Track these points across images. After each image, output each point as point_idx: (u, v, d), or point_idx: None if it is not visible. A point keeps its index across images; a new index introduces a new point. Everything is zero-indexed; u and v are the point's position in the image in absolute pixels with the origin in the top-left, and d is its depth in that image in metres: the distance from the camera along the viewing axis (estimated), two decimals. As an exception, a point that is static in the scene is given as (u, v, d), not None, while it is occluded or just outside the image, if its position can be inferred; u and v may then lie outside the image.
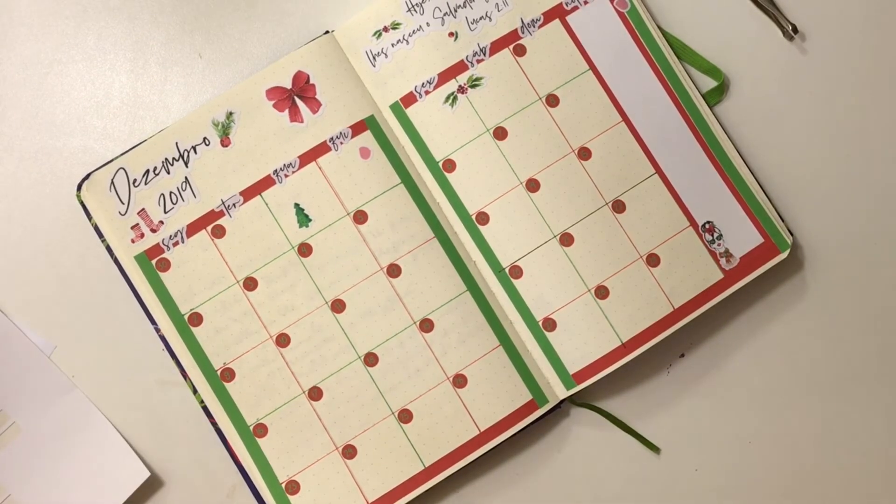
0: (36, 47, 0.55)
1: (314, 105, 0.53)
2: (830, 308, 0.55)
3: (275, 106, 0.53)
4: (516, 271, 0.53)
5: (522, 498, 0.54)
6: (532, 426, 0.53)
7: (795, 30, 0.55)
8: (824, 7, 0.56)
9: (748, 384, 0.54)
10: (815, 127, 0.55)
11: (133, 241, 0.52)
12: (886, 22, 0.56)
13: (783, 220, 0.54)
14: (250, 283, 0.53)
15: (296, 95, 0.53)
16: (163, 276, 0.52)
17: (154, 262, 0.52)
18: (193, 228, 0.53)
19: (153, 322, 0.53)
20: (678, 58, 0.55)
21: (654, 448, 0.54)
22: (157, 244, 0.52)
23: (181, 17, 0.56)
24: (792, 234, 0.54)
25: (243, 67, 0.55)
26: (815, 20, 0.56)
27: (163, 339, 0.53)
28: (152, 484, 0.53)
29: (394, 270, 0.53)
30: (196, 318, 0.52)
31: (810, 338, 0.55)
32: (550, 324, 0.53)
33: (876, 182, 0.55)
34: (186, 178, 0.53)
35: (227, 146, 0.53)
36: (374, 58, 0.54)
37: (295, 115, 0.53)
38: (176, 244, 0.53)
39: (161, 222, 0.53)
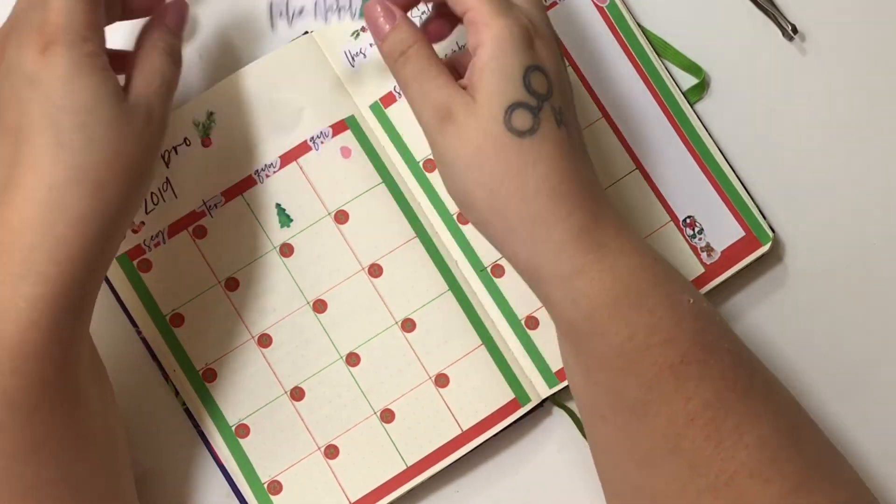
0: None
1: (294, 105, 0.53)
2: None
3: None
4: (498, 270, 0.53)
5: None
6: (514, 425, 0.53)
7: (795, 30, 0.55)
8: (824, 7, 0.56)
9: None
10: (816, 127, 0.55)
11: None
12: (886, 22, 0.56)
13: (764, 217, 0.54)
14: (231, 284, 0.53)
15: (276, 95, 0.53)
16: (144, 276, 0.52)
17: (135, 262, 0.52)
18: (175, 229, 0.53)
19: (134, 325, 0.53)
20: (658, 55, 0.55)
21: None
22: (139, 245, 0.52)
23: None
24: (773, 230, 0.54)
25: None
26: (815, 20, 0.56)
27: (144, 340, 0.52)
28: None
29: (375, 270, 0.53)
30: (178, 319, 0.52)
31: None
32: (532, 322, 0.53)
33: (877, 182, 0.55)
34: (167, 178, 0.53)
35: (207, 146, 0.53)
36: (352, 57, 0.54)
37: (275, 115, 0.53)
38: (157, 244, 0.53)
39: (142, 223, 0.52)
